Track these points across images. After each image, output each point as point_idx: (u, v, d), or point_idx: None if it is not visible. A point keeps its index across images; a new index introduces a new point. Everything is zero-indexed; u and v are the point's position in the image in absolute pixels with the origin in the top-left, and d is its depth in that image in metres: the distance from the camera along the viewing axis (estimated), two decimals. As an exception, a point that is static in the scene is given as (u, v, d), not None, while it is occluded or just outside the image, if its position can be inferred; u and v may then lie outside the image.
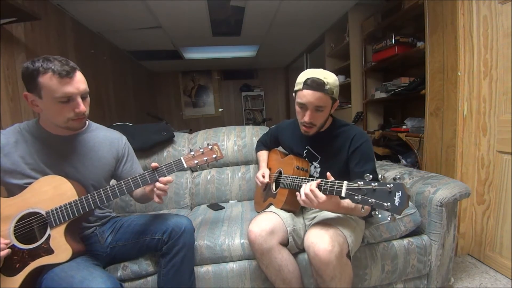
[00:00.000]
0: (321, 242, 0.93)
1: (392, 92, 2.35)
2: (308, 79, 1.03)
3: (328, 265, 0.92)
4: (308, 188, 0.93)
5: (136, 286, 1.14)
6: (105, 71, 3.31)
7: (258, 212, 1.34)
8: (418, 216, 1.27)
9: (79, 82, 0.90)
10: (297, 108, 1.11)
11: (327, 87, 1.01)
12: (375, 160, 1.22)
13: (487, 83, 1.53)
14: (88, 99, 0.97)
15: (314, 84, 1.01)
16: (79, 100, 0.91)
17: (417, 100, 2.07)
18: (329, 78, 1.03)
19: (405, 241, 1.25)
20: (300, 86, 1.05)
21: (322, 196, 0.91)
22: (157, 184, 0.98)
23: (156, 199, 1.00)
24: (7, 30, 1.77)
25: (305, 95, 1.04)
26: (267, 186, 1.36)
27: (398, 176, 0.76)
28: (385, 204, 0.74)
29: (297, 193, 0.98)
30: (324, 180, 0.92)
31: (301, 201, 0.96)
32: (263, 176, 1.31)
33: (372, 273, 1.21)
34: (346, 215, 1.09)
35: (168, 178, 0.99)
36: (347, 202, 0.97)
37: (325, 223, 1.04)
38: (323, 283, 0.99)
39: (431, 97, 1.82)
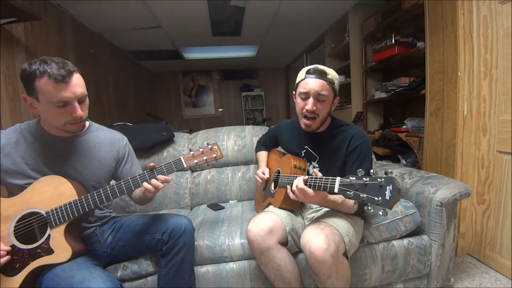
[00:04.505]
0: (317, 240, 0.93)
1: (392, 92, 2.35)
2: (310, 68, 1.09)
3: (324, 263, 0.92)
4: (295, 186, 0.97)
5: (136, 286, 1.14)
6: (105, 71, 3.31)
7: (258, 212, 1.34)
8: (418, 216, 1.27)
9: (76, 86, 0.89)
10: (299, 100, 1.12)
11: (329, 76, 1.07)
12: (372, 161, 1.21)
13: (487, 83, 1.53)
14: (87, 101, 0.96)
15: (317, 72, 1.07)
16: (76, 104, 0.90)
17: (417, 100, 2.07)
18: (330, 70, 1.09)
19: (405, 241, 1.25)
20: (302, 76, 1.09)
21: (309, 192, 0.94)
22: (153, 180, 0.97)
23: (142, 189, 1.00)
24: (7, 30, 1.77)
25: (308, 83, 1.07)
26: (266, 185, 1.37)
27: (390, 170, 0.75)
28: (376, 198, 0.74)
29: (288, 186, 1.02)
30: (315, 177, 0.94)
31: (290, 195, 1.01)
32: (263, 173, 1.32)
33: (372, 273, 1.21)
34: (346, 215, 1.09)
35: (167, 177, 0.99)
36: (333, 196, 1.00)
37: (321, 222, 1.04)
38: (320, 282, 1.00)
39: (431, 97, 1.82)
